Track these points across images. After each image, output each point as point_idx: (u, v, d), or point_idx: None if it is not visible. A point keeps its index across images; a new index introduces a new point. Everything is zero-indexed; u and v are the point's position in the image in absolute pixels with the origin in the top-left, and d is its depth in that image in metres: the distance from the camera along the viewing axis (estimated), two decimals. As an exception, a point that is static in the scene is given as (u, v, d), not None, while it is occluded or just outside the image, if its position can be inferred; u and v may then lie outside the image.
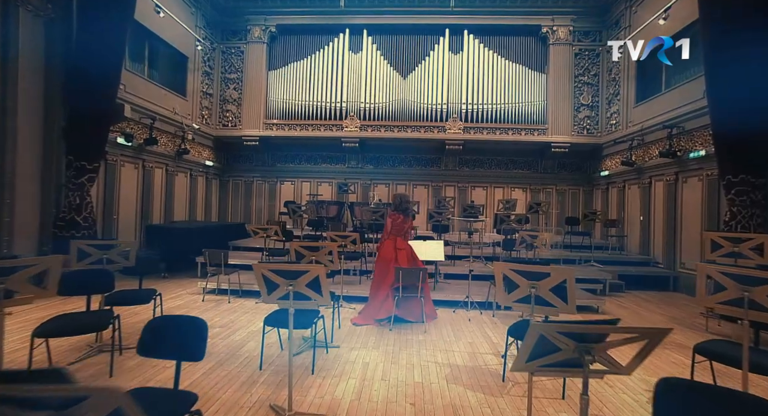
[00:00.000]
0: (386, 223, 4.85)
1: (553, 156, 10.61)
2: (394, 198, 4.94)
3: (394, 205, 4.94)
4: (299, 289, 2.46)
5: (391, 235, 4.85)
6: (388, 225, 4.85)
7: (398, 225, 4.87)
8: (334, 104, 10.85)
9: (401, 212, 4.91)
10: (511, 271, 2.38)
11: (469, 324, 4.82)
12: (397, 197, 4.94)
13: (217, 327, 4.34)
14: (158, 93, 8.43)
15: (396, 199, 4.93)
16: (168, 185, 8.93)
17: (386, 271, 4.64)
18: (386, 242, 4.86)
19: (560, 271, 2.34)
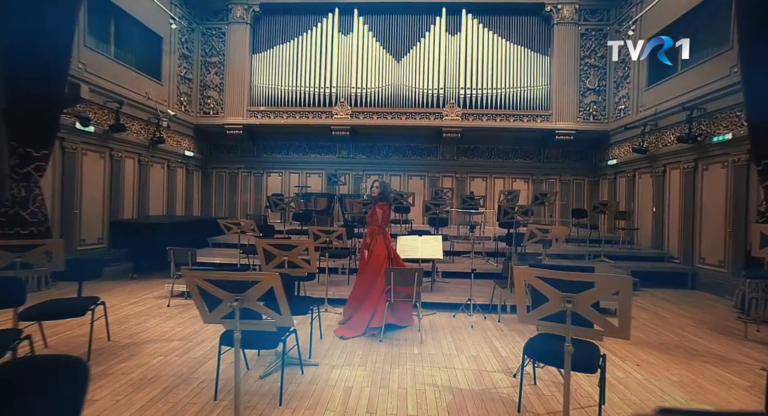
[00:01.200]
0: (376, 214, 4.23)
1: (557, 144, 9.98)
2: (379, 185, 4.30)
3: (384, 194, 4.31)
4: (249, 305, 1.81)
5: (381, 228, 4.22)
6: (378, 217, 4.22)
7: (386, 217, 4.31)
8: (323, 90, 10.12)
9: (387, 202, 4.40)
10: (539, 279, 1.73)
11: (472, 332, 4.20)
12: (381, 184, 4.33)
13: (176, 339, 3.68)
14: (128, 75, 7.66)
15: (382, 186, 4.32)
16: (141, 176, 8.20)
17: (379, 271, 4.01)
18: (378, 238, 4.23)
19: (610, 281, 1.69)
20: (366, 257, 4.18)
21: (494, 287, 4.90)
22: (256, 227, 4.98)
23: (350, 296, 4.27)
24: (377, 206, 4.24)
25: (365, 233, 4.38)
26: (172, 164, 9.34)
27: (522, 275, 1.78)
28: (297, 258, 3.20)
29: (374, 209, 4.27)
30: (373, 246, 4.21)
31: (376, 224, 4.23)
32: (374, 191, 4.27)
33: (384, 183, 4.36)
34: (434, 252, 4.56)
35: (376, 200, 4.31)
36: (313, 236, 4.88)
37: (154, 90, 8.51)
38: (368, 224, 4.33)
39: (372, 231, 4.23)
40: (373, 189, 4.28)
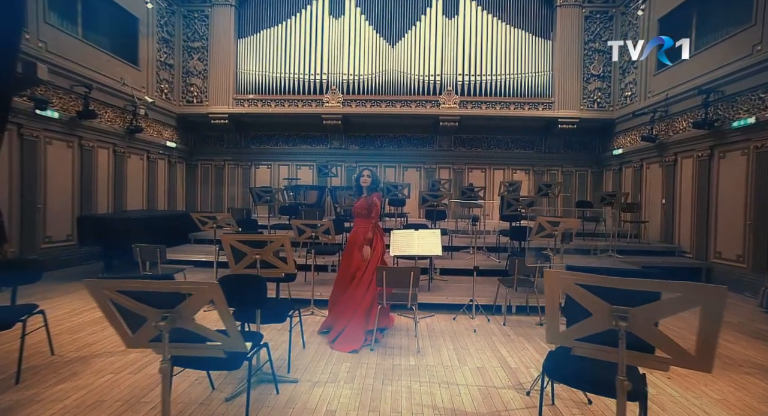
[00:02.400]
0: (375, 205, 3.71)
1: (560, 134, 9.52)
2: (371, 174, 3.76)
3: (377, 182, 3.82)
4: (184, 325, 1.32)
5: (376, 223, 3.76)
6: (376, 208, 3.73)
7: (378, 209, 3.83)
8: (313, 77, 9.56)
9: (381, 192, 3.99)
10: (581, 287, 1.25)
11: (475, 337, 3.74)
12: (372, 172, 3.80)
13: (134, 351, 3.18)
14: (99, 58, 7.06)
15: (374, 175, 3.79)
16: (117, 168, 7.63)
17: (373, 271, 3.53)
18: (377, 234, 3.77)
19: (693, 291, 1.21)
20: (367, 256, 3.61)
21: (498, 286, 4.45)
22: (235, 221, 4.46)
23: (337, 300, 3.67)
24: (375, 196, 3.73)
25: (355, 226, 3.81)
26: (152, 156, 8.77)
27: (557, 281, 1.30)
28: (271, 256, 2.71)
29: (369, 199, 3.70)
30: (378, 243, 3.73)
31: (373, 218, 3.73)
32: (365, 180, 3.74)
33: (374, 171, 3.83)
34: (432, 248, 4.08)
35: (369, 191, 3.77)
36: (297, 231, 4.39)
37: (131, 76, 7.91)
38: (358, 217, 3.76)
39: (369, 226, 3.70)
40: (363, 178, 3.74)
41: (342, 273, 3.73)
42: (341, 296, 3.62)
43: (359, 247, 3.64)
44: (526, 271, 4.16)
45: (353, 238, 3.74)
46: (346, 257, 3.75)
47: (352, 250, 3.70)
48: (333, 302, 3.74)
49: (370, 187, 3.74)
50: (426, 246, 4.09)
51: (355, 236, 3.73)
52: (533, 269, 4.13)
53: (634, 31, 8.29)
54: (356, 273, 3.59)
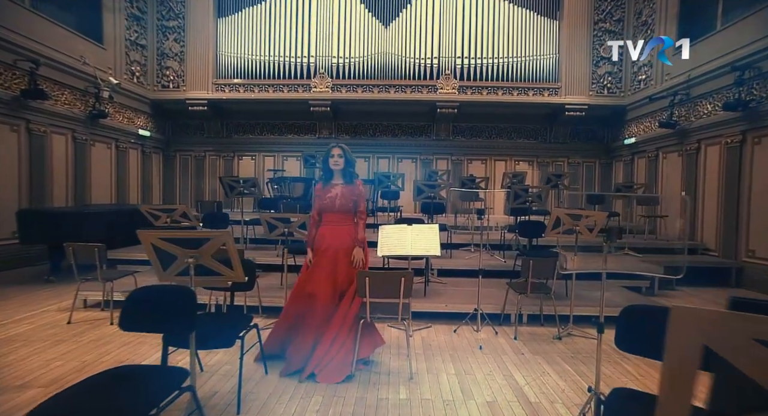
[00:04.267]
0: (362, 194, 2.83)
1: (566, 122, 8.82)
2: (342, 153, 2.74)
3: (352, 164, 2.81)
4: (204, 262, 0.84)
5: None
6: (363, 197, 2.87)
7: None
8: (300, 60, 8.79)
9: None
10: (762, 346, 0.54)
11: (481, 356, 3.05)
12: (344, 149, 2.77)
13: (38, 385, 2.44)
14: (52, 32, 6.25)
15: (346, 153, 2.76)
16: (78, 157, 6.84)
17: None
18: None
19: None
20: (359, 262, 2.74)
21: (507, 291, 3.75)
22: (194, 215, 3.72)
23: (306, 322, 2.65)
24: (359, 183, 2.83)
25: (329, 225, 2.78)
26: (122, 145, 7.98)
27: (703, 330, 0.58)
28: (210, 260, 1.98)
29: (352, 188, 2.76)
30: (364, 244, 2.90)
31: (362, 213, 2.82)
32: (335, 162, 2.72)
33: (346, 149, 2.77)
34: (429, 247, 3.37)
35: (345, 176, 2.78)
36: (267, 227, 3.66)
37: (94, 55, 7.10)
38: (337, 212, 2.75)
39: (360, 224, 2.80)
40: (334, 160, 2.72)
41: (319, 287, 2.65)
42: (312, 315, 2.63)
43: (347, 253, 2.72)
44: (541, 273, 3.46)
45: (333, 241, 2.72)
46: (323, 268, 2.69)
47: (336, 258, 2.70)
48: (291, 324, 2.73)
49: (344, 171, 2.77)
50: (422, 245, 3.38)
51: (337, 239, 2.72)
52: (550, 271, 3.43)
53: (650, 7, 7.58)
54: (349, 288, 2.70)
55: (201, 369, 2.65)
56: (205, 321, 2.26)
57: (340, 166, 2.75)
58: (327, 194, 2.77)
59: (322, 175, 2.86)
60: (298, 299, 2.74)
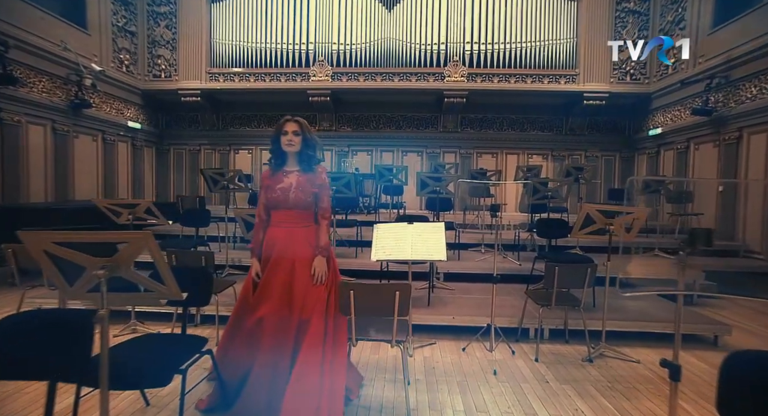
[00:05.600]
0: (325, 185, 2.12)
1: (584, 112, 8.16)
2: (300, 127, 2.02)
3: (312, 145, 2.07)
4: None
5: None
6: (327, 188, 2.17)
7: None
8: (298, 47, 8.26)
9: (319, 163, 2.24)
10: None
11: (497, 384, 2.48)
12: (301, 124, 2.03)
13: None
14: (27, 13, 5.78)
15: (303, 128, 2.03)
16: (59, 149, 6.39)
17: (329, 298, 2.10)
18: None
19: None
20: (321, 276, 2.02)
21: (526, 301, 3.18)
22: (156, 211, 3.19)
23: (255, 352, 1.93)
24: (321, 170, 2.10)
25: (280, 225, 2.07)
26: (109, 137, 7.53)
27: None
28: (132, 272, 1.44)
29: (312, 176, 2.05)
30: (332, 253, 2.17)
31: (325, 211, 2.10)
32: (290, 141, 1.98)
33: (305, 124, 2.04)
34: (434, 250, 2.81)
35: (302, 161, 2.05)
36: (243, 225, 3.13)
37: (76, 40, 6.63)
38: (292, 209, 2.02)
39: (323, 224, 2.10)
40: (288, 138, 1.98)
41: (271, 310, 1.94)
42: (264, 351, 1.90)
43: (306, 264, 2.01)
44: (568, 283, 2.88)
45: (286, 248, 2.00)
46: (275, 284, 1.98)
47: (292, 271, 1.99)
48: (234, 364, 1.98)
49: (301, 155, 2.03)
50: (424, 247, 2.82)
51: (292, 245, 2.01)
52: (580, 281, 2.84)
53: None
54: (313, 312, 1.94)
55: (146, 403, 2.13)
56: (134, 348, 1.74)
57: (296, 147, 2.00)
58: (278, 184, 2.03)
59: (270, 159, 2.11)
60: (241, 328, 2.00)
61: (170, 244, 4.11)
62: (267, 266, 2.03)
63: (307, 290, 1.99)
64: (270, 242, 2.05)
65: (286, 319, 1.94)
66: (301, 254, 2.02)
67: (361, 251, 4.97)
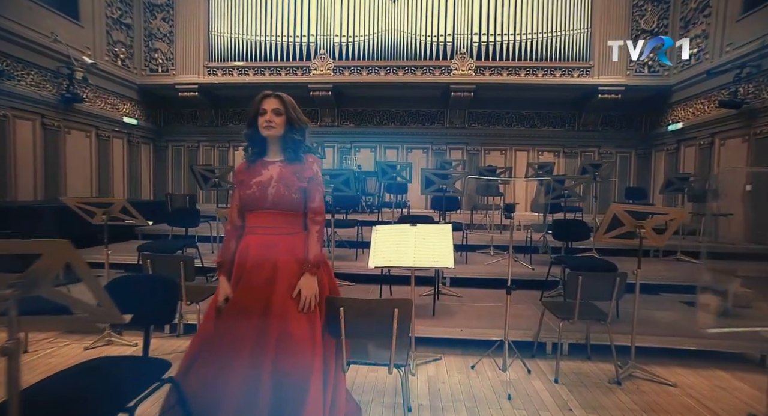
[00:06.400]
0: (316, 179, 1.67)
1: (598, 107, 7.75)
2: (282, 105, 1.59)
3: (299, 130, 1.63)
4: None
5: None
6: (320, 184, 1.71)
7: None
8: (299, 40, 7.96)
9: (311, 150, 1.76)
10: None
11: (511, 411, 2.15)
12: (283, 100, 1.60)
13: None
14: (13, 2, 5.52)
15: (286, 105, 1.60)
16: (49, 145, 6.14)
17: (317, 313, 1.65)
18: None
19: None
20: (309, 302, 1.56)
21: (543, 313, 2.83)
22: (133, 210, 2.89)
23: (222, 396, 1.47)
24: (311, 159, 1.66)
25: (255, 229, 1.64)
26: (104, 133, 7.28)
27: None
28: (52, 290, 1.13)
29: (298, 166, 1.63)
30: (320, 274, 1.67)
31: (317, 214, 1.65)
32: (269, 122, 1.57)
33: (288, 101, 1.62)
34: (439, 256, 2.48)
35: (287, 148, 1.63)
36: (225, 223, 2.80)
37: (68, 32, 6.39)
38: (272, 209, 1.59)
39: (315, 231, 1.64)
40: (267, 118, 1.57)
41: (243, 343, 1.50)
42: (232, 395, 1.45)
43: (286, 282, 1.55)
44: (594, 294, 2.53)
45: (264, 262, 1.56)
46: (247, 309, 1.53)
47: (270, 292, 1.54)
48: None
49: (285, 139, 1.61)
50: (429, 253, 2.49)
51: (272, 258, 1.56)
52: (607, 292, 2.49)
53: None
54: (281, 351, 1.47)
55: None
56: (73, 379, 1.42)
57: (277, 129, 1.57)
58: (254, 178, 1.60)
59: (247, 146, 1.68)
60: (204, 365, 1.51)
61: (159, 246, 3.83)
62: (239, 284, 1.57)
63: (290, 318, 1.52)
64: (243, 255, 1.59)
65: (259, 352, 1.46)
66: (283, 271, 1.55)
67: (361, 252, 4.66)
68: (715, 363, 2.72)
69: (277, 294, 1.54)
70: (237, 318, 1.52)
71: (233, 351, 1.47)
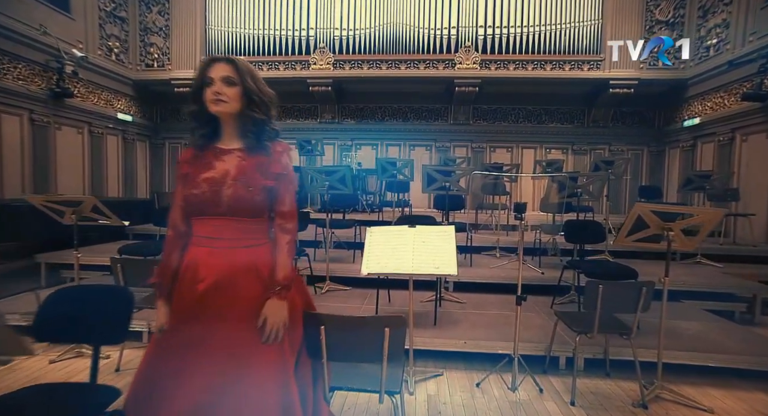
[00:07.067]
0: (288, 175, 1.29)
1: (609, 102, 7.42)
2: (236, 77, 1.21)
3: (261, 105, 1.25)
4: None
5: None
6: (293, 181, 1.32)
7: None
8: (298, 33, 7.70)
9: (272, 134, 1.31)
10: None
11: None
12: (240, 69, 1.21)
13: None
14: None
15: (246, 80, 1.21)
16: (38, 142, 5.93)
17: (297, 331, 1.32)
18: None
19: None
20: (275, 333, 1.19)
21: (556, 325, 2.54)
22: (105, 209, 2.64)
23: None
24: (280, 148, 1.28)
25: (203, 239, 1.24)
26: (96, 130, 7.06)
27: None
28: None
29: (261, 160, 1.24)
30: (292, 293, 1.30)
31: (285, 220, 1.28)
32: (217, 94, 1.18)
33: (244, 67, 1.23)
34: (441, 261, 2.20)
35: (247, 133, 1.25)
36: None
37: (59, 25, 6.17)
38: (228, 215, 1.20)
39: (286, 240, 1.27)
40: (215, 90, 1.18)
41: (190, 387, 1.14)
42: None
43: (245, 308, 1.19)
44: (616, 306, 2.23)
45: (217, 283, 1.18)
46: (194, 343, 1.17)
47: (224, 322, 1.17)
48: None
49: (243, 121, 1.25)
50: (429, 258, 2.22)
51: (221, 276, 1.18)
52: (630, 304, 2.20)
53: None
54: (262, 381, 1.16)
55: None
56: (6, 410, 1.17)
57: (230, 105, 1.21)
58: (203, 172, 1.22)
59: (193, 128, 1.28)
60: (154, 399, 1.17)
61: (139, 248, 3.58)
62: (181, 315, 1.19)
63: (253, 354, 1.17)
64: (188, 273, 1.20)
65: (207, 395, 1.13)
66: (242, 295, 1.19)
67: (359, 254, 4.37)
68: (755, 384, 2.42)
69: (233, 325, 1.17)
70: (182, 356, 1.16)
71: (183, 395, 1.13)
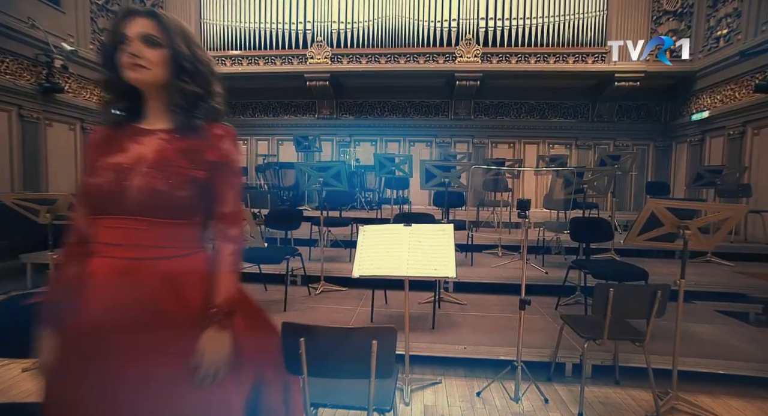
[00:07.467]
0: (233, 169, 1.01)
1: (614, 96, 7.22)
2: (161, 29, 0.92)
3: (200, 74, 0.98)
4: None
5: None
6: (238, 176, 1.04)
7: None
8: (295, 26, 7.53)
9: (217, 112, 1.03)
10: None
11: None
12: (165, 25, 0.91)
13: None
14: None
15: (170, 32, 0.92)
16: (27, 139, 5.79)
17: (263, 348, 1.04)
18: None
19: None
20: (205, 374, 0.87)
21: (561, 329, 2.38)
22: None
23: None
24: (221, 131, 0.99)
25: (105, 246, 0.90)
26: (90, 126, 6.92)
27: None
28: None
29: (195, 144, 0.94)
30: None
31: (229, 224, 0.97)
32: (136, 53, 0.88)
33: (169, 23, 0.94)
34: (439, 262, 2.04)
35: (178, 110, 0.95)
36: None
37: (48, 18, 6.01)
38: (111, 213, 0.88)
39: (229, 252, 0.96)
40: (134, 47, 0.88)
41: None
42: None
43: (173, 331, 0.87)
44: (626, 310, 2.07)
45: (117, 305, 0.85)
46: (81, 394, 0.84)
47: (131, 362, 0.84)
48: None
49: (170, 93, 0.95)
50: (426, 259, 2.06)
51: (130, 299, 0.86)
52: (642, 308, 2.03)
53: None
54: None
55: None
56: None
57: (152, 73, 0.91)
58: (111, 155, 0.91)
59: (106, 101, 1.00)
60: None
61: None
62: (73, 353, 0.87)
63: (186, 401, 0.87)
64: (86, 293, 0.87)
65: None
66: (164, 324, 0.87)
67: (356, 254, 4.24)
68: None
69: (151, 364, 0.84)
70: (75, 407, 0.85)
71: None
